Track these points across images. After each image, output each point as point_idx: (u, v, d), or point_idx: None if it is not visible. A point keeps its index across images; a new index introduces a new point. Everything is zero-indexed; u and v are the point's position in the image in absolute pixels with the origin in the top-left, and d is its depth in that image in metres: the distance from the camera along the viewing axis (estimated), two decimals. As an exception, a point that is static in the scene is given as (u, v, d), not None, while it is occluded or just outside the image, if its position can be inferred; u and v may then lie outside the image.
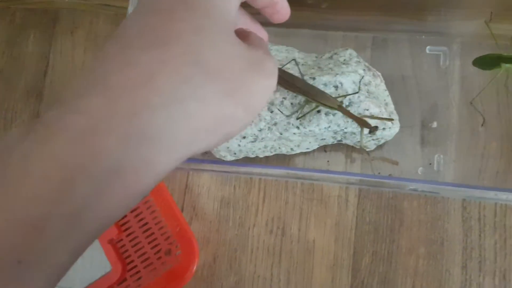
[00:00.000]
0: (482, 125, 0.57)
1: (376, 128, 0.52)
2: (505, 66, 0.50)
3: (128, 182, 0.25)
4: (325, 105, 0.54)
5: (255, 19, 0.43)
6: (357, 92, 0.55)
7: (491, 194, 0.39)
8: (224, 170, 0.48)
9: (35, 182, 0.23)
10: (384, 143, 0.62)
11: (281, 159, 0.64)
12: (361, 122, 0.53)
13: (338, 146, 0.63)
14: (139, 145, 0.25)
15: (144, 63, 0.26)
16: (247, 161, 0.64)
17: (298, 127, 0.56)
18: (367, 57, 0.65)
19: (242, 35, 0.33)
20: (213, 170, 0.45)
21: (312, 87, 0.55)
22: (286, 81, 0.55)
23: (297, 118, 0.55)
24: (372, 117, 0.54)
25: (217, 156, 0.62)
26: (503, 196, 0.39)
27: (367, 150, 0.62)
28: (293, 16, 0.67)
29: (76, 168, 0.23)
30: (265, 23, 0.69)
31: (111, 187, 0.24)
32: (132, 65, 0.26)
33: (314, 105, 0.56)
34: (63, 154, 0.23)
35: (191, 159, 0.48)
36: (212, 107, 0.27)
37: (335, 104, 0.54)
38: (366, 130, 0.53)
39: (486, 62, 0.53)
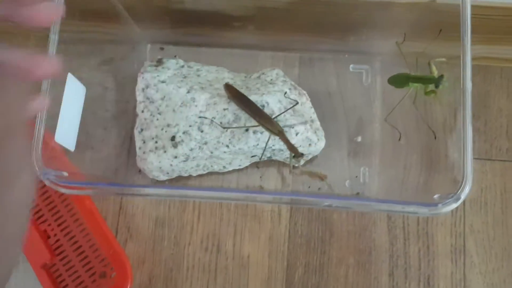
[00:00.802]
0: (399, 139, 0.61)
1: (302, 155, 0.56)
2: (413, 85, 0.54)
3: None
4: (268, 128, 0.56)
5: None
6: (288, 110, 0.58)
7: (398, 207, 0.42)
8: (157, 193, 0.48)
9: None
10: (314, 158, 0.65)
11: (214, 177, 0.65)
12: (292, 149, 0.56)
13: (270, 162, 0.65)
14: None
15: None
16: (181, 180, 0.65)
17: (227, 146, 0.58)
18: (295, 76, 0.68)
19: None
20: (145, 195, 0.45)
21: (260, 110, 0.57)
22: (238, 99, 0.56)
23: (224, 127, 0.57)
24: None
25: (150, 177, 0.63)
26: (410, 209, 0.42)
27: (296, 165, 0.64)
28: (224, 36, 0.70)
29: None
30: (198, 43, 0.71)
31: None
32: None
33: (242, 123, 0.57)
34: None
35: (122, 184, 0.48)
36: None
37: (276, 130, 0.56)
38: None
39: (398, 81, 0.56)
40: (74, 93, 0.49)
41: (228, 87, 0.57)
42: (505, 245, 0.63)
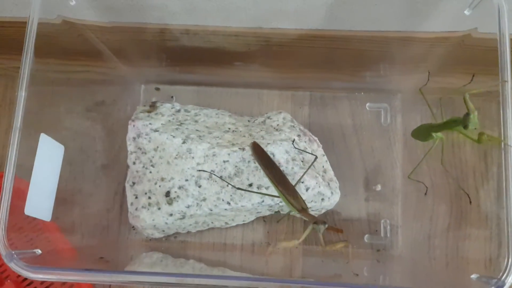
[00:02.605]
0: (425, 193, 0.53)
1: (325, 223, 0.46)
2: (437, 136, 0.47)
3: None
4: (290, 203, 0.47)
5: None
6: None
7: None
8: (140, 281, 0.40)
9: None
10: (329, 209, 0.58)
11: (216, 232, 0.58)
12: (318, 222, 0.46)
13: (278, 215, 0.58)
14: None
15: None
16: (179, 236, 0.58)
17: (229, 203, 0.51)
18: (305, 116, 0.61)
19: None
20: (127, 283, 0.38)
21: (285, 179, 0.48)
22: (263, 161, 0.49)
23: (236, 188, 0.50)
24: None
25: (144, 234, 0.56)
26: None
27: (307, 220, 0.57)
28: (225, 75, 0.63)
29: None
30: (197, 82, 0.65)
31: None
32: None
33: (245, 178, 0.50)
34: None
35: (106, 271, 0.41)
36: None
37: (300, 206, 0.47)
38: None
39: (421, 134, 0.49)
40: (48, 155, 0.42)
41: (255, 146, 0.50)
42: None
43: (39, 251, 0.40)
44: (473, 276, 0.38)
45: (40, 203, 0.41)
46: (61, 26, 0.47)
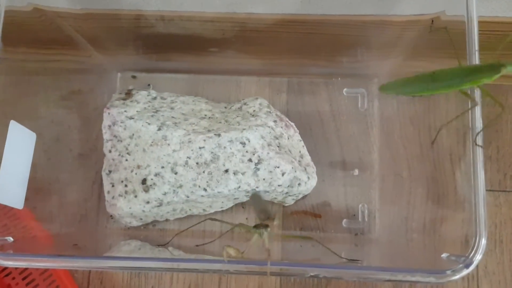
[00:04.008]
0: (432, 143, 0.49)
1: (267, 226, 0.41)
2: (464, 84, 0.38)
3: None
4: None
5: None
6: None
7: (399, 276, 0.35)
8: (112, 266, 0.39)
9: None
10: (307, 195, 0.58)
11: (195, 220, 0.58)
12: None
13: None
14: None
15: None
16: (158, 224, 0.58)
17: (205, 189, 0.51)
18: (283, 103, 0.61)
19: None
20: (101, 268, 0.38)
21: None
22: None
23: None
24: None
25: (122, 222, 0.56)
26: (413, 278, 0.35)
27: (285, 205, 0.57)
28: (202, 62, 0.63)
29: None
30: (174, 70, 0.64)
31: None
32: None
33: (221, 163, 0.51)
34: None
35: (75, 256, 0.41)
36: None
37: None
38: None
39: (412, 85, 0.44)
40: (19, 143, 0.42)
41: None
42: (525, 288, 0.56)
43: (11, 239, 0.40)
44: (444, 255, 0.39)
45: (11, 190, 0.41)
46: (32, 13, 0.47)
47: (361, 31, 0.53)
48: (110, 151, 0.54)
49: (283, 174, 0.51)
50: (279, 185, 0.51)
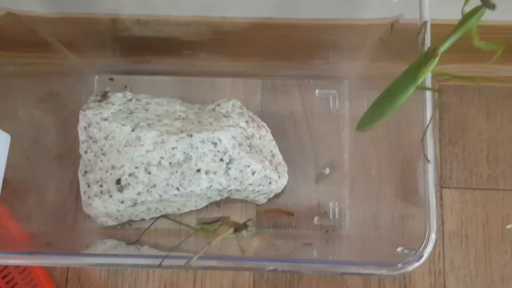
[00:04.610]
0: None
1: (245, 225, 0.43)
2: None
3: None
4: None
5: None
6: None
7: (352, 269, 0.37)
8: (83, 263, 0.40)
9: None
10: (280, 193, 0.59)
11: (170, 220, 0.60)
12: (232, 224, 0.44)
13: (231, 200, 0.60)
14: None
15: None
16: (134, 223, 0.59)
17: (178, 188, 0.52)
18: (257, 103, 0.63)
19: None
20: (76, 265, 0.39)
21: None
22: None
23: None
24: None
25: (99, 222, 0.57)
26: (366, 271, 0.36)
27: (258, 203, 0.59)
28: (178, 64, 0.64)
29: None
30: (151, 72, 0.66)
31: None
32: None
33: (193, 163, 0.52)
34: None
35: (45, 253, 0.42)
36: None
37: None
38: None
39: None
40: (-8, 144, 0.43)
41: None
42: (489, 282, 0.58)
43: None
44: (399, 249, 0.40)
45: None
46: (6, 17, 0.48)
47: (330, 35, 0.55)
48: (86, 152, 0.55)
49: (253, 173, 0.52)
50: (250, 184, 0.53)
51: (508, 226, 0.59)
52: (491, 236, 0.59)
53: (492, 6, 0.35)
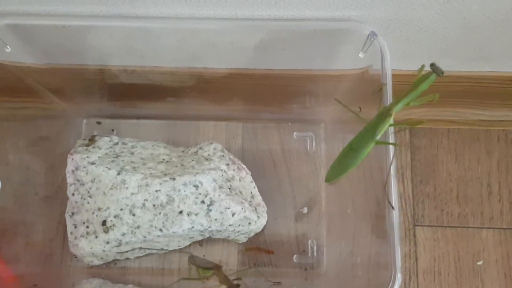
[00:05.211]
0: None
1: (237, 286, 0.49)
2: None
3: None
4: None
5: None
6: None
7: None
8: None
9: None
10: (260, 232, 0.62)
11: (155, 258, 0.62)
12: (226, 282, 0.50)
13: (214, 239, 0.62)
14: None
15: None
16: (119, 262, 0.61)
17: (161, 229, 0.55)
18: (238, 145, 0.66)
19: None
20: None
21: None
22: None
23: None
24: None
25: (85, 261, 0.59)
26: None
27: (239, 242, 0.61)
28: (163, 108, 0.68)
29: None
30: (137, 116, 0.69)
31: None
32: None
33: (176, 206, 0.55)
34: None
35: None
36: None
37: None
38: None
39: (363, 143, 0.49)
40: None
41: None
42: (462, 317, 0.60)
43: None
44: (369, 289, 0.43)
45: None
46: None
47: (305, 83, 0.59)
48: (73, 194, 0.57)
49: (233, 215, 0.55)
50: (230, 225, 0.55)
51: (479, 263, 0.62)
52: (462, 273, 0.62)
53: (441, 73, 0.39)
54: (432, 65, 0.39)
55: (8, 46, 0.48)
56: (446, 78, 0.46)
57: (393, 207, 0.42)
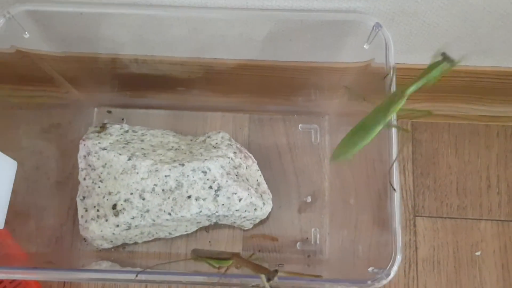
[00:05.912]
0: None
1: (275, 272, 0.42)
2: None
3: None
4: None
5: None
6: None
7: (326, 286, 0.41)
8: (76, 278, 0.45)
9: None
10: (265, 220, 0.64)
11: (162, 243, 0.64)
12: (260, 270, 0.43)
13: (220, 225, 0.64)
14: None
15: None
16: (127, 247, 0.63)
17: (170, 213, 0.57)
18: (245, 136, 0.68)
19: None
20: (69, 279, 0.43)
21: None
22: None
23: None
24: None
25: (94, 245, 0.61)
26: (338, 287, 0.41)
27: (245, 229, 0.63)
28: (172, 99, 0.70)
29: None
30: (147, 105, 0.71)
31: None
32: None
33: (185, 191, 0.56)
34: None
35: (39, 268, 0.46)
36: None
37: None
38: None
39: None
40: (1, 170, 0.47)
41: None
42: (460, 306, 0.62)
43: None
44: (370, 269, 0.45)
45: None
46: (15, 55, 0.53)
47: (311, 75, 0.61)
48: (84, 179, 0.59)
49: (240, 200, 0.57)
50: (236, 210, 0.57)
51: (477, 253, 0.64)
52: (461, 262, 0.63)
53: (452, 62, 0.40)
54: (443, 53, 0.40)
55: (26, 32, 0.50)
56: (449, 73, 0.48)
57: (394, 189, 0.44)
